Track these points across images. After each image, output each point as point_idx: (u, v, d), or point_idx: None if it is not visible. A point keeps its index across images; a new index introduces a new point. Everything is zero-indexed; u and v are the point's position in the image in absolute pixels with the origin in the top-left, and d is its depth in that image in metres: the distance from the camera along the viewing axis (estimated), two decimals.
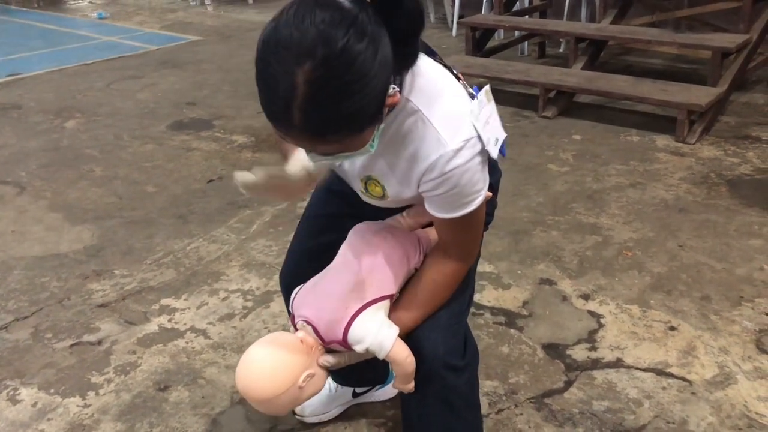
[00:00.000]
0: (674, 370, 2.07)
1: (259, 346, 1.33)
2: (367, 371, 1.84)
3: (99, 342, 2.31)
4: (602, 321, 2.30)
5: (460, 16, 6.12)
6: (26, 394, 2.08)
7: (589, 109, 4.32)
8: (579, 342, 2.21)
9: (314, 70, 0.96)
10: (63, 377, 2.14)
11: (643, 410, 1.92)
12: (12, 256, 2.87)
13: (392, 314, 1.36)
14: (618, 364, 2.10)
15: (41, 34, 7.52)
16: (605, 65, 5.03)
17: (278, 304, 2.43)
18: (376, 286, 1.34)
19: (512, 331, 2.27)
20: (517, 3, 5.72)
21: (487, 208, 1.46)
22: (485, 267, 2.61)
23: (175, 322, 2.39)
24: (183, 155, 3.89)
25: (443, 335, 1.37)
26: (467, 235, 1.34)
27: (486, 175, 1.25)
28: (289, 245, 1.70)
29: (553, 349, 2.18)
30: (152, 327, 2.37)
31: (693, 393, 1.97)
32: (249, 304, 2.47)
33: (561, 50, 5.73)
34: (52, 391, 2.09)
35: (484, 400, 1.94)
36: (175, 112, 4.66)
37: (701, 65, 4.81)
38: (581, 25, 5.17)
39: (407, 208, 1.48)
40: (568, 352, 2.16)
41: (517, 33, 5.66)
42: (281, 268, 1.70)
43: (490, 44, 5.31)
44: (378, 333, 1.30)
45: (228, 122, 4.40)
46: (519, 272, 2.61)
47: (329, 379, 1.89)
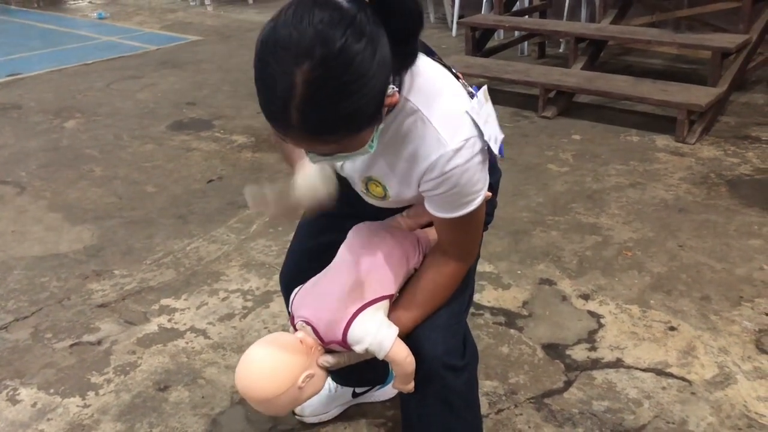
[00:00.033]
0: (674, 370, 2.07)
1: (259, 346, 1.33)
2: (367, 371, 1.84)
3: (99, 342, 2.31)
4: (602, 321, 2.30)
5: (460, 16, 6.12)
6: (26, 394, 2.08)
7: (589, 109, 4.32)
8: (579, 342, 2.21)
9: (312, 70, 0.96)
10: (63, 377, 2.14)
11: (643, 410, 1.92)
12: (12, 256, 2.87)
13: (392, 314, 1.36)
14: (618, 364, 2.10)
15: (41, 34, 7.52)
16: (605, 65, 5.03)
17: (278, 304, 2.43)
18: (376, 287, 1.34)
19: (512, 331, 2.27)
20: (517, 3, 5.72)
21: (487, 208, 1.46)
22: (485, 267, 2.61)
23: (175, 322, 2.39)
24: (183, 155, 3.89)
25: (443, 335, 1.37)
26: (467, 235, 1.34)
27: (486, 175, 1.25)
28: (289, 245, 1.70)
29: (553, 349, 2.18)
30: (152, 327, 2.37)
31: (693, 393, 1.97)
32: (249, 304, 2.47)
33: (561, 50, 5.73)
34: (51, 391, 2.09)
35: (484, 400, 1.94)
36: (175, 112, 4.66)
37: (701, 65, 4.81)
38: (581, 25, 5.17)
39: (407, 208, 1.48)
40: (567, 352, 2.16)
41: (516, 33, 5.66)
42: (281, 268, 1.71)
43: (490, 44, 5.31)
44: (377, 333, 1.30)
45: (228, 122, 4.40)
46: (519, 272, 2.61)
47: (329, 379, 1.89)
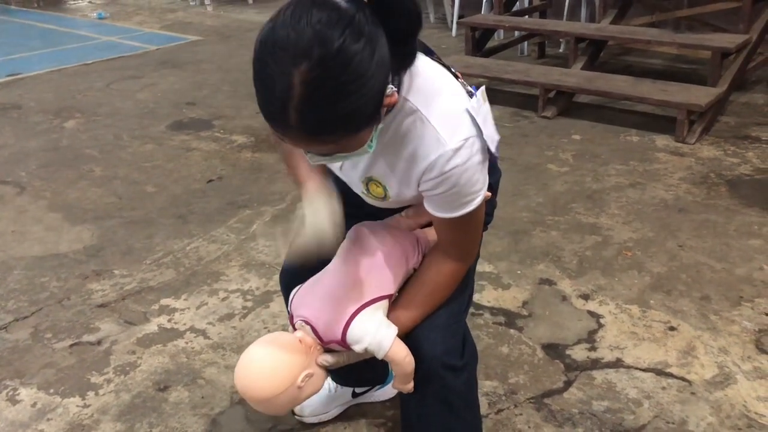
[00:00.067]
0: (674, 370, 2.07)
1: (258, 345, 1.33)
2: (367, 371, 1.84)
3: (99, 342, 2.31)
4: (602, 321, 2.30)
5: (460, 16, 6.12)
6: (26, 394, 2.08)
7: (589, 109, 4.32)
8: (579, 342, 2.21)
9: (310, 70, 0.96)
10: (62, 377, 2.14)
11: (643, 410, 1.92)
12: (12, 256, 2.87)
13: (391, 314, 1.36)
14: (618, 364, 2.10)
15: (41, 34, 7.52)
16: (605, 65, 5.03)
17: (278, 304, 2.43)
18: (375, 286, 1.34)
19: (512, 331, 2.27)
20: (517, 3, 5.72)
21: (487, 208, 1.46)
22: (485, 267, 2.61)
23: (175, 322, 2.39)
24: (183, 155, 3.89)
25: (442, 335, 1.37)
26: (466, 235, 1.34)
27: (485, 175, 1.25)
28: (289, 244, 1.70)
29: (553, 349, 2.18)
30: (152, 327, 2.37)
31: (693, 393, 1.97)
32: (249, 304, 2.47)
33: (561, 50, 5.73)
34: (51, 391, 2.09)
35: (484, 400, 1.94)
36: (175, 112, 4.66)
37: (701, 65, 4.81)
38: (581, 25, 5.17)
39: (406, 208, 1.48)
40: (567, 352, 2.16)
41: (516, 33, 5.66)
42: (281, 267, 1.70)
43: (490, 44, 5.31)
44: (376, 333, 1.30)
45: (228, 122, 4.40)
46: (519, 272, 2.61)
47: (329, 379, 1.89)
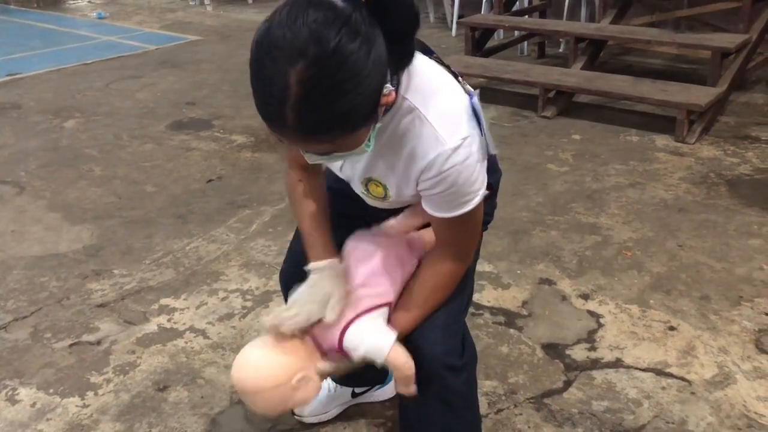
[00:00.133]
0: (674, 370, 2.06)
1: (259, 340, 1.34)
2: (366, 371, 1.82)
3: (98, 342, 2.30)
4: (602, 321, 2.30)
5: (460, 16, 6.12)
6: (25, 394, 2.08)
7: (589, 109, 4.32)
8: (578, 342, 2.20)
9: (306, 69, 0.95)
10: (62, 377, 2.14)
11: (643, 410, 1.92)
12: (11, 256, 2.87)
13: (390, 317, 1.36)
14: (617, 364, 2.10)
15: (40, 33, 7.52)
16: (605, 65, 5.03)
17: (277, 304, 2.43)
18: (372, 294, 1.35)
19: (512, 330, 2.27)
20: (517, 3, 5.72)
21: (487, 207, 1.45)
22: (484, 267, 2.60)
23: (175, 322, 2.39)
24: (182, 155, 3.89)
25: (442, 335, 1.37)
26: (465, 235, 1.34)
27: (484, 175, 1.25)
28: (289, 244, 1.70)
29: (553, 349, 2.18)
30: (151, 327, 2.37)
31: (692, 393, 1.97)
32: (248, 303, 2.47)
33: (560, 50, 5.73)
34: (51, 391, 2.09)
35: (484, 400, 1.94)
36: (175, 111, 4.66)
37: (701, 65, 4.81)
38: (581, 25, 5.17)
39: (401, 211, 1.48)
40: (567, 352, 2.16)
41: (516, 33, 5.66)
42: (281, 267, 1.70)
43: (490, 44, 5.31)
44: (373, 340, 1.30)
45: (227, 122, 4.40)
46: (518, 272, 2.61)
47: (328, 379, 1.88)
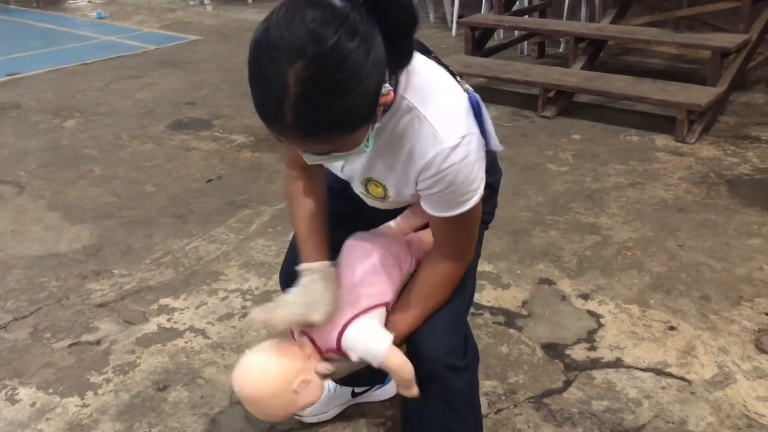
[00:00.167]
0: (674, 369, 2.06)
1: (257, 349, 1.34)
2: (367, 372, 1.83)
3: (98, 342, 2.30)
4: (601, 321, 2.30)
5: (460, 16, 6.12)
6: (25, 393, 2.08)
7: (589, 109, 4.31)
8: (578, 342, 2.20)
9: (305, 69, 0.95)
10: (62, 377, 2.14)
11: (643, 410, 1.92)
12: (11, 256, 2.87)
13: (389, 318, 1.36)
14: (617, 363, 2.10)
15: (40, 33, 7.52)
16: (605, 65, 5.03)
17: None
18: (369, 295, 1.34)
19: (511, 330, 2.27)
20: (517, 3, 5.72)
21: (488, 207, 1.45)
22: (484, 267, 2.60)
23: (174, 322, 2.39)
24: (182, 155, 3.89)
25: (443, 335, 1.37)
26: (463, 234, 1.33)
27: (483, 174, 1.24)
28: (289, 243, 1.69)
29: (553, 349, 2.17)
30: (151, 327, 2.37)
31: (692, 393, 1.97)
32: (248, 303, 2.47)
33: (560, 50, 5.73)
34: (50, 390, 2.09)
35: (483, 400, 1.94)
36: (174, 111, 4.65)
37: (701, 65, 4.81)
38: (581, 25, 5.17)
39: (400, 213, 1.48)
40: (567, 351, 2.16)
41: (516, 33, 5.66)
42: (281, 266, 1.70)
43: (490, 44, 5.31)
44: (370, 341, 1.30)
45: (227, 122, 4.40)
46: (518, 272, 2.60)
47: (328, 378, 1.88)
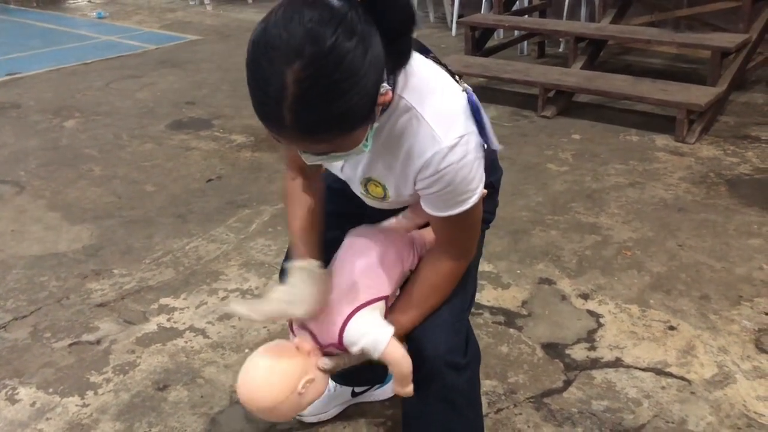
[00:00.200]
0: (673, 369, 2.07)
1: (257, 356, 1.34)
2: (366, 371, 1.82)
3: (98, 341, 2.30)
4: (601, 320, 2.30)
5: (460, 16, 6.12)
6: (25, 393, 2.08)
7: (589, 109, 4.32)
8: (578, 341, 2.20)
9: (303, 69, 0.95)
10: (62, 377, 2.14)
11: (643, 410, 1.92)
12: (11, 255, 2.87)
13: (389, 316, 1.36)
14: (617, 363, 2.10)
15: (40, 33, 7.51)
16: (605, 65, 5.03)
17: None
18: (369, 289, 1.35)
19: (511, 330, 2.27)
20: (517, 2, 5.72)
21: (489, 206, 1.45)
22: (484, 266, 2.60)
23: (174, 322, 2.39)
24: (182, 154, 3.89)
25: (445, 333, 1.37)
26: (463, 233, 1.33)
27: (482, 173, 1.24)
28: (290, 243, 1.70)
29: (553, 349, 2.18)
30: (151, 326, 2.37)
31: (692, 392, 1.97)
32: None
33: (560, 50, 5.73)
34: (50, 390, 2.09)
35: (483, 400, 1.93)
36: (174, 111, 4.65)
37: (701, 65, 4.81)
38: (581, 25, 5.17)
39: (403, 210, 1.48)
40: (567, 351, 2.16)
41: (516, 32, 5.66)
42: (281, 267, 1.70)
43: (490, 44, 5.31)
44: (372, 333, 1.30)
45: (227, 121, 4.40)
46: (518, 272, 2.61)
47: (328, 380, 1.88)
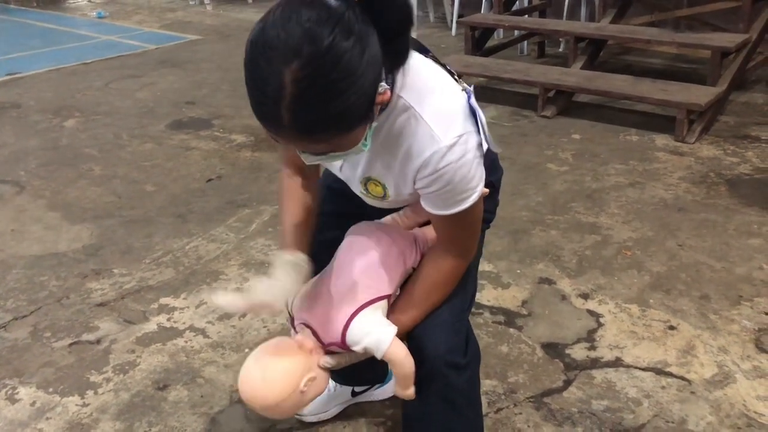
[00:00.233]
0: (673, 369, 2.07)
1: (259, 354, 1.34)
2: (366, 371, 1.83)
3: (98, 341, 2.30)
4: (601, 320, 2.30)
5: (460, 16, 6.12)
6: (25, 393, 2.08)
7: (589, 109, 4.32)
8: (578, 341, 2.21)
9: (301, 69, 0.95)
10: (62, 376, 2.14)
11: (643, 409, 1.92)
12: (11, 255, 2.87)
13: (390, 315, 1.36)
14: (617, 363, 2.10)
15: (40, 33, 7.51)
16: (604, 65, 5.03)
17: None
18: (372, 287, 1.35)
19: (511, 330, 2.27)
20: (517, 2, 5.72)
21: (489, 205, 1.45)
22: (484, 266, 2.60)
23: (174, 321, 2.39)
24: (182, 154, 3.89)
25: (445, 333, 1.37)
26: (464, 232, 1.33)
27: (482, 172, 1.24)
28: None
29: (553, 349, 2.18)
30: (151, 326, 2.37)
31: (692, 392, 1.97)
32: None
33: (560, 50, 5.73)
34: (50, 390, 2.09)
35: (483, 400, 1.93)
36: (174, 111, 4.65)
37: (701, 65, 4.81)
38: (581, 25, 5.17)
39: (404, 208, 1.48)
40: (567, 351, 2.16)
41: (516, 32, 5.66)
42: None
43: (490, 43, 5.31)
44: (375, 332, 1.30)
45: (227, 121, 4.40)
46: (518, 271, 2.61)
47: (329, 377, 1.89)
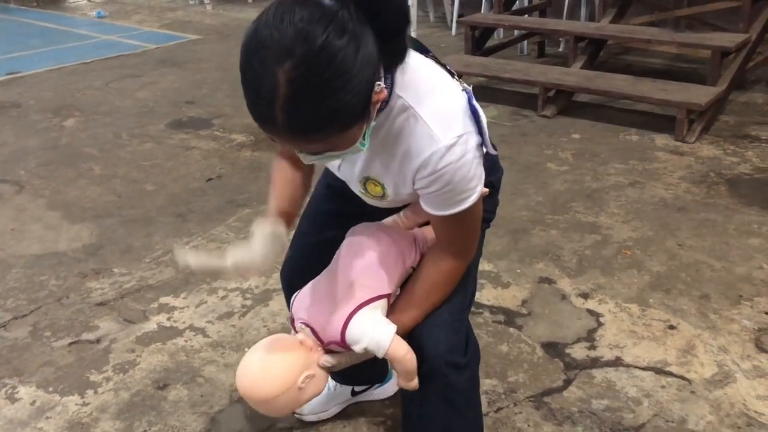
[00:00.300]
0: (673, 368, 2.07)
1: (259, 347, 1.34)
2: (366, 370, 1.83)
3: (98, 340, 2.30)
4: (601, 320, 2.30)
5: (460, 15, 6.12)
6: (25, 392, 2.08)
7: (589, 109, 4.32)
8: (578, 341, 2.21)
9: (294, 68, 0.95)
10: (62, 376, 2.14)
11: (643, 409, 1.92)
12: (11, 255, 2.87)
13: (391, 314, 1.36)
14: (617, 362, 2.10)
15: (40, 32, 7.51)
16: (605, 64, 5.03)
17: (277, 302, 2.43)
18: (371, 287, 1.35)
19: (511, 329, 2.27)
20: (517, 2, 5.72)
21: (489, 205, 1.45)
22: (484, 266, 2.60)
23: (174, 321, 2.39)
24: (182, 154, 3.89)
25: (445, 333, 1.37)
26: (463, 232, 1.33)
27: (481, 172, 1.24)
28: (290, 242, 1.70)
29: (553, 348, 2.18)
30: (151, 325, 2.37)
31: (692, 392, 1.97)
32: (248, 302, 2.47)
33: (560, 49, 5.73)
34: (50, 389, 2.09)
35: (483, 399, 1.94)
36: (174, 110, 4.65)
37: (701, 64, 4.81)
38: (581, 24, 5.17)
39: (404, 207, 1.48)
40: (567, 350, 2.16)
41: (516, 32, 5.66)
42: (282, 265, 1.70)
43: (490, 43, 5.31)
44: (374, 331, 1.30)
45: (227, 121, 4.40)
46: (518, 271, 2.61)
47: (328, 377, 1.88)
